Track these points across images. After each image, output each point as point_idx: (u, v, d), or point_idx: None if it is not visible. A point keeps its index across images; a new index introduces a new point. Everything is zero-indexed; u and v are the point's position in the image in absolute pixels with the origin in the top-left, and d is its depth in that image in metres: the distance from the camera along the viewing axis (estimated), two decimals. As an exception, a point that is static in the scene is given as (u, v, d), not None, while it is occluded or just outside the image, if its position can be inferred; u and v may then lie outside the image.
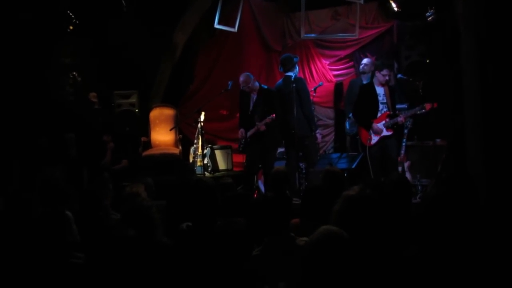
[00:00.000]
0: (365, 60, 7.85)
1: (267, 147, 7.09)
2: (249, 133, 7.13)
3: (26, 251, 3.09)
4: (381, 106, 6.67)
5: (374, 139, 6.60)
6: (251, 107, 7.19)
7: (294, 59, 7.09)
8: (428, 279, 2.40)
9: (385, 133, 6.59)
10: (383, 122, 6.59)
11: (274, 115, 6.87)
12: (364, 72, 7.69)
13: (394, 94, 6.80)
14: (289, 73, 6.97)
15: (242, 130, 7.25)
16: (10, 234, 3.18)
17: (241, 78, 7.11)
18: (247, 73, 7.21)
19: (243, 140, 7.23)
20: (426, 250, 2.49)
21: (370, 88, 6.72)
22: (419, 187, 6.95)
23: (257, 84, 7.18)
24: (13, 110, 6.82)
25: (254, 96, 7.19)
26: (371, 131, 6.60)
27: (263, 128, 6.92)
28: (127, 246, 2.66)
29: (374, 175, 6.48)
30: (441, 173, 6.69)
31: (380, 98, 6.66)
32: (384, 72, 6.62)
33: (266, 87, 7.28)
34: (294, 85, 6.78)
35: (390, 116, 6.59)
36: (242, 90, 7.19)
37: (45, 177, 4.77)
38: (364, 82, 7.37)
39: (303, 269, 2.26)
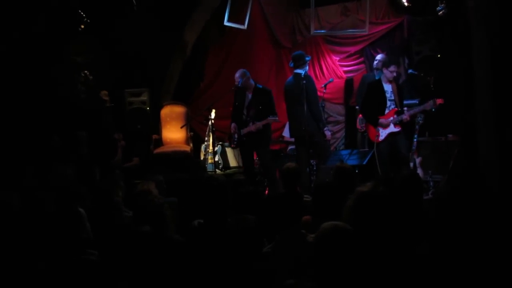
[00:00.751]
0: (378, 56, 7.78)
1: (262, 144, 7.09)
2: (243, 131, 7.12)
3: (40, 248, 3.13)
4: (388, 103, 6.67)
5: (382, 135, 6.60)
6: (246, 105, 7.18)
7: (306, 57, 7.08)
8: (439, 276, 2.39)
9: (393, 129, 6.58)
10: (391, 118, 6.59)
11: (276, 117, 6.90)
12: (378, 68, 7.63)
13: (402, 91, 6.79)
14: (299, 71, 6.97)
15: (234, 125, 7.24)
16: (25, 231, 3.22)
17: (237, 74, 7.12)
18: (244, 69, 7.21)
19: (236, 135, 7.22)
20: (437, 247, 2.49)
21: (378, 85, 6.72)
22: (431, 183, 6.91)
23: (252, 82, 7.18)
24: (25, 108, 6.88)
25: (249, 95, 7.18)
26: (379, 127, 6.60)
27: (260, 128, 6.95)
28: (142, 242, 2.69)
29: (381, 172, 6.47)
30: (453, 169, 6.66)
31: (388, 95, 6.67)
32: (391, 68, 6.61)
33: (261, 86, 7.27)
34: (304, 81, 6.78)
35: (398, 113, 6.59)
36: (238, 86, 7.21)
37: (58, 175, 4.82)
38: (377, 77, 7.34)
39: (313, 266, 2.28)
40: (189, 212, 4.03)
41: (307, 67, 7.10)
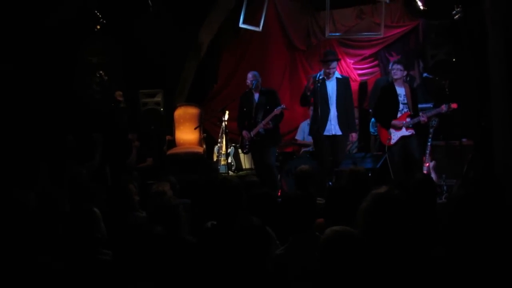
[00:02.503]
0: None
1: (270, 144, 7.09)
2: (253, 132, 7.12)
3: (55, 247, 3.15)
4: (401, 106, 6.60)
5: (394, 139, 6.54)
6: (254, 107, 7.19)
7: (330, 57, 6.98)
8: (453, 280, 2.38)
9: (405, 132, 6.52)
10: (403, 122, 6.54)
11: (283, 106, 6.94)
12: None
13: (415, 95, 6.71)
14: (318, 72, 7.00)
15: (245, 131, 7.19)
16: (40, 230, 3.25)
17: (249, 75, 7.15)
18: (255, 71, 7.23)
19: (248, 141, 7.20)
20: (451, 251, 2.47)
21: (390, 88, 6.66)
22: (445, 187, 6.86)
23: (259, 84, 7.21)
24: (40, 108, 6.95)
25: (256, 97, 7.19)
26: (391, 129, 6.55)
27: (269, 125, 6.95)
28: (156, 243, 2.70)
29: (394, 175, 6.42)
30: (467, 173, 6.61)
31: (400, 99, 6.59)
32: (394, 66, 6.56)
33: (264, 88, 7.28)
34: (319, 84, 6.77)
35: (411, 117, 6.54)
36: (245, 91, 7.21)
37: (73, 174, 4.86)
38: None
39: (323, 274, 2.30)
40: (202, 213, 4.04)
41: (324, 70, 6.94)
